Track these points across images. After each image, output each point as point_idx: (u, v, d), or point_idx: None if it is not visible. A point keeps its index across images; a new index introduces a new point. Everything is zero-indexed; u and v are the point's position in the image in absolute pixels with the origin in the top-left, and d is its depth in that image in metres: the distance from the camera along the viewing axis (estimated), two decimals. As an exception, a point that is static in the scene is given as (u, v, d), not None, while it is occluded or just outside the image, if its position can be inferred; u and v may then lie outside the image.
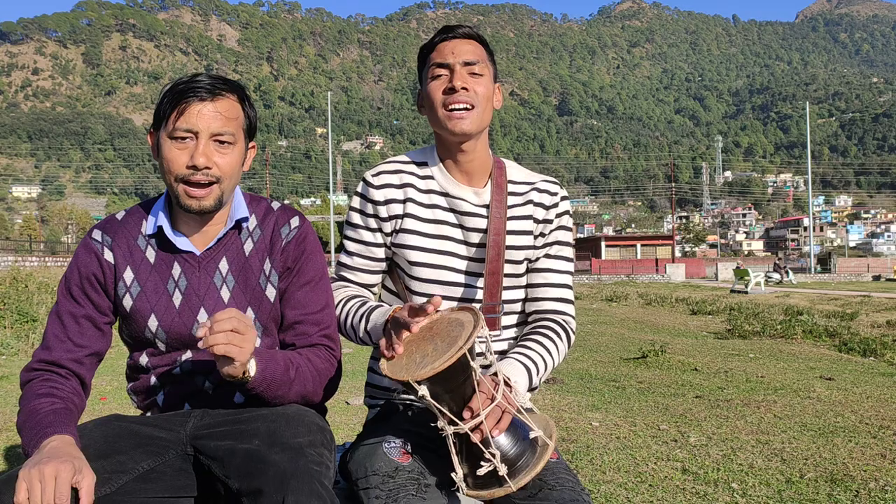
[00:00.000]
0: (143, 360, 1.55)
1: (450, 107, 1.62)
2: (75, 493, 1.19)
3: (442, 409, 1.33)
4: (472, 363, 1.32)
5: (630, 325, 12.35)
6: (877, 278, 46.96)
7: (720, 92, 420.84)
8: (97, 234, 1.57)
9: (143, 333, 1.53)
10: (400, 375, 1.30)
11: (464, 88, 1.62)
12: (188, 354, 1.53)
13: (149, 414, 1.59)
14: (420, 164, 1.74)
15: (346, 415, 4.63)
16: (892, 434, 4.03)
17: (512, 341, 1.75)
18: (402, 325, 1.40)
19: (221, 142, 1.46)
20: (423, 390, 1.29)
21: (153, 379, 1.55)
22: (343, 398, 5.08)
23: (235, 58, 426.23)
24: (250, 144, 1.58)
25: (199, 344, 1.28)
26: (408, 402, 1.71)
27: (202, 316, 1.52)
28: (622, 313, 15.15)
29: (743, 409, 4.75)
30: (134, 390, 1.60)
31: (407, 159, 1.76)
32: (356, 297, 1.71)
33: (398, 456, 1.48)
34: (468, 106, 1.63)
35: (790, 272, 38.31)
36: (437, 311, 1.41)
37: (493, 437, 1.34)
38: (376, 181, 1.71)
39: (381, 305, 1.64)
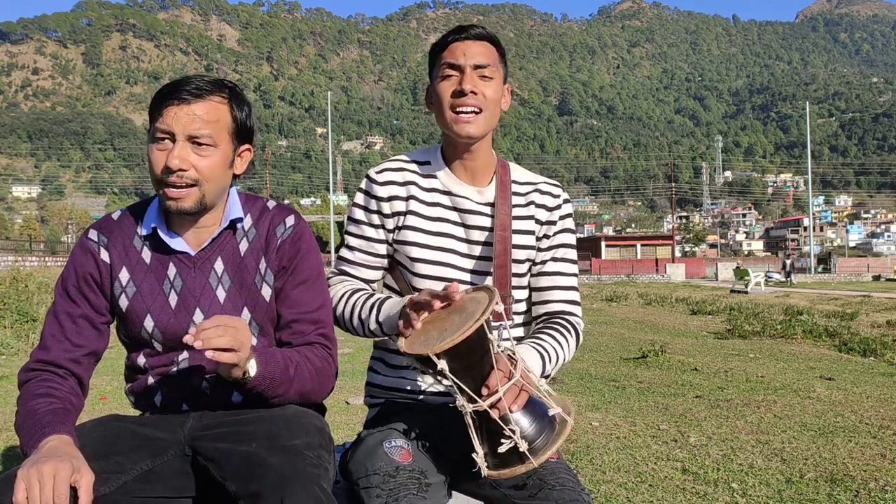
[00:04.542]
0: (141, 360, 1.55)
1: (457, 109, 1.62)
2: (74, 492, 1.19)
3: (461, 385, 1.33)
4: (489, 335, 1.32)
5: (630, 325, 12.35)
6: (877, 278, 46.98)
7: (720, 92, 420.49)
8: (93, 234, 1.56)
9: (140, 334, 1.52)
10: (418, 350, 1.31)
11: (472, 92, 1.61)
12: (185, 355, 1.52)
13: (147, 414, 1.58)
14: (423, 164, 1.75)
15: (346, 415, 4.63)
16: (892, 434, 4.03)
17: (518, 342, 1.74)
18: (422, 306, 1.41)
19: (199, 143, 1.45)
20: (442, 364, 1.28)
21: (151, 379, 1.54)
22: (343, 398, 5.08)
23: (235, 58, 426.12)
24: (243, 147, 1.56)
25: (194, 344, 1.26)
26: (408, 401, 1.70)
27: (198, 316, 1.51)
28: (622, 313, 15.15)
29: (743, 409, 4.75)
30: (132, 390, 1.59)
31: (410, 158, 1.76)
32: (361, 289, 1.70)
33: (399, 455, 1.47)
34: (476, 109, 1.62)
35: (791, 274, 38.32)
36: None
37: (511, 412, 1.34)
38: (380, 178, 1.71)
39: (391, 297, 1.63)
